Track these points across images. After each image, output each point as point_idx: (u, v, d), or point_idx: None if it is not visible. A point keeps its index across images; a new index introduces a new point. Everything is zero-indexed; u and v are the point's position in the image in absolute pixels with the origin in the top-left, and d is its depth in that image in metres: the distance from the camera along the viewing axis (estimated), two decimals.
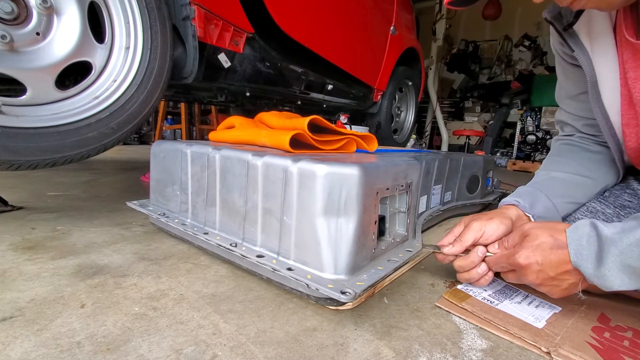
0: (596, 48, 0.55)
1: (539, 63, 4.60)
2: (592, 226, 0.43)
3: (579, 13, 0.55)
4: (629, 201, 0.62)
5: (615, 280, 0.41)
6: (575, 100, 0.67)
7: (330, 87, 1.70)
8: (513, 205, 0.60)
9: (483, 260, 0.53)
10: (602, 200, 0.64)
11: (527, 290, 0.59)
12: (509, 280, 0.52)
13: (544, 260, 0.45)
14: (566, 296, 0.47)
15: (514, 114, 4.07)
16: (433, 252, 0.58)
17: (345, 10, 1.58)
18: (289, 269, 0.51)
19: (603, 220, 0.61)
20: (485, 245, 0.54)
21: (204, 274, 0.59)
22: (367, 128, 2.21)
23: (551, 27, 0.60)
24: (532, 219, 0.58)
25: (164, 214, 0.75)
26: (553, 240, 0.45)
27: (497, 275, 0.56)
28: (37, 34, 0.69)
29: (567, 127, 0.71)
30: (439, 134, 4.48)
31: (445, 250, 0.55)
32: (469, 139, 4.17)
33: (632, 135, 0.57)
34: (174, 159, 0.73)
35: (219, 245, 0.60)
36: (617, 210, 0.61)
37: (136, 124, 0.84)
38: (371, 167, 0.52)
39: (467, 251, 0.55)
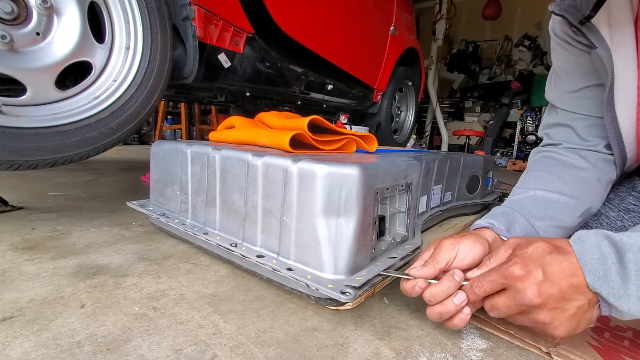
0: (615, 43, 0.48)
1: (539, 63, 4.60)
2: (599, 235, 0.35)
3: (598, 5, 0.47)
4: (634, 204, 0.59)
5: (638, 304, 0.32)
6: (578, 97, 0.58)
7: (330, 87, 1.70)
8: (486, 227, 0.50)
9: (460, 288, 0.40)
10: (605, 203, 0.60)
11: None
12: (498, 308, 0.37)
13: (547, 268, 0.34)
14: (571, 333, 0.35)
15: (514, 114, 4.07)
16: (400, 278, 0.45)
17: (345, 11, 1.58)
18: (289, 269, 0.51)
19: (606, 224, 0.58)
20: (463, 271, 0.41)
21: (204, 274, 0.59)
22: (367, 128, 2.21)
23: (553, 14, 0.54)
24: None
25: (164, 214, 0.75)
26: (551, 246, 0.36)
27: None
28: (37, 34, 0.69)
29: (561, 130, 0.61)
30: (439, 134, 4.48)
31: (414, 271, 0.43)
32: (469, 139, 4.17)
33: None
34: (174, 159, 0.73)
35: (219, 245, 0.60)
36: (621, 214, 0.58)
37: (136, 124, 0.84)
38: (371, 167, 0.52)
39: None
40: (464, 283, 0.40)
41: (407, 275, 0.44)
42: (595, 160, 0.57)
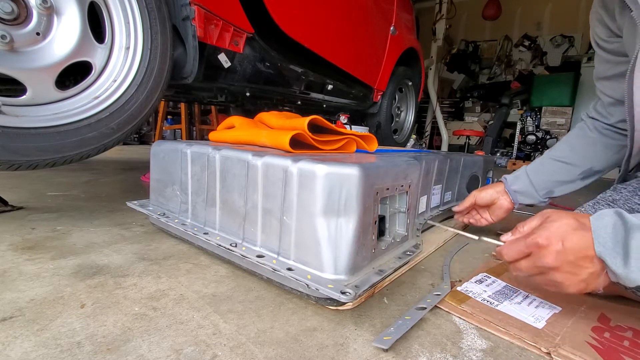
0: None
1: (539, 63, 4.60)
2: (616, 214, 0.41)
3: None
4: (638, 204, 0.60)
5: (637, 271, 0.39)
6: (606, 80, 0.71)
7: (330, 87, 1.70)
8: (501, 181, 0.82)
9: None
10: (610, 204, 0.63)
11: (527, 290, 0.59)
12: (521, 269, 0.46)
13: (566, 241, 0.41)
14: (581, 292, 0.43)
15: (514, 114, 4.07)
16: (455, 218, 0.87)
17: (345, 11, 1.58)
18: (289, 269, 0.51)
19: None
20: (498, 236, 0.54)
21: (204, 274, 0.59)
22: (367, 128, 2.21)
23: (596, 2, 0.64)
24: (509, 193, 0.79)
25: (164, 214, 0.75)
26: (577, 222, 0.42)
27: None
28: (37, 34, 0.69)
29: (598, 103, 0.76)
30: (439, 134, 4.48)
31: (453, 208, 0.87)
32: (469, 139, 4.17)
33: None
34: (174, 159, 0.73)
35: (219, 245, 0.60)
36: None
37: (136, 124, 0.84)
38: (371, 167, 0.52)
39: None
40: (500, 243, 0.50)
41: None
42: (606, 131, 0.74)
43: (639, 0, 0.51)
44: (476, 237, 0.62)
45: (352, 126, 1.91)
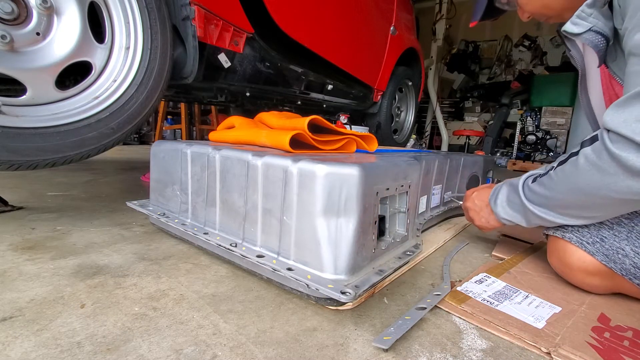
0: (586, 49, 0.67)
1: (539, 63, 4.60)
2: (509, 180, 0.66)
3: None
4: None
5: (501, 210, 0.65)
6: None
7: (330, 87, 1.69)
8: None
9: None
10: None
11: (527, 290, 0.59)
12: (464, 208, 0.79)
13: (477, 194, 0.73)
14: (483, 227, 0.72)
15: (514, 114, 4.07)
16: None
17: (345, 11, 1.58)
18: (289, 269, 0.51)
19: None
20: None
21: (204, 274, 0.59)
22: (367, 128, 2.21)
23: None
24: None
25: (164, 214, 0.75)
26: (488, 185, 0.73)
27: None
28: (37, 34, 0.69)
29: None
30: (439, 134, 4.47)
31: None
32: (469, 139, 4.17)
33: None
34: (174, 159, 0.73)
35: (219, 245, 0.60)
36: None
37: (136, 124, 0.84)
38: (371, 167, 0.52)
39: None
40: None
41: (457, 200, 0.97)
42: None
43: (578, 46, 0.67)
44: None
45: (352, 126, 1.91)
